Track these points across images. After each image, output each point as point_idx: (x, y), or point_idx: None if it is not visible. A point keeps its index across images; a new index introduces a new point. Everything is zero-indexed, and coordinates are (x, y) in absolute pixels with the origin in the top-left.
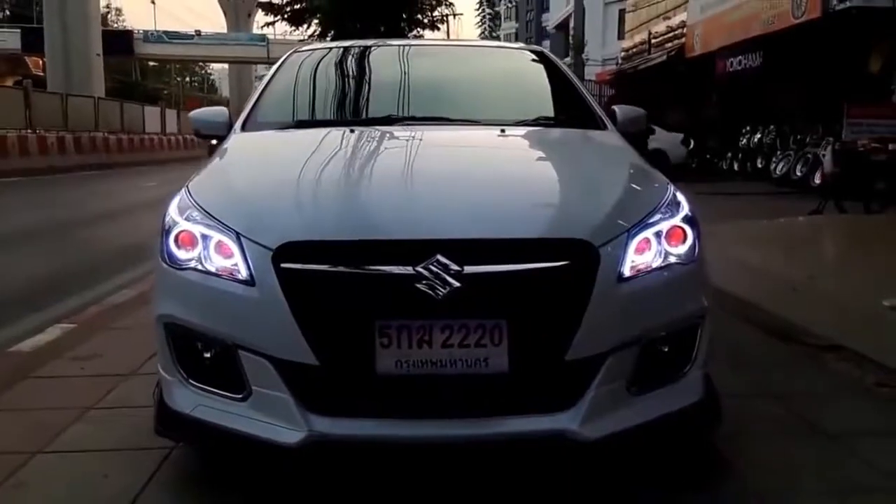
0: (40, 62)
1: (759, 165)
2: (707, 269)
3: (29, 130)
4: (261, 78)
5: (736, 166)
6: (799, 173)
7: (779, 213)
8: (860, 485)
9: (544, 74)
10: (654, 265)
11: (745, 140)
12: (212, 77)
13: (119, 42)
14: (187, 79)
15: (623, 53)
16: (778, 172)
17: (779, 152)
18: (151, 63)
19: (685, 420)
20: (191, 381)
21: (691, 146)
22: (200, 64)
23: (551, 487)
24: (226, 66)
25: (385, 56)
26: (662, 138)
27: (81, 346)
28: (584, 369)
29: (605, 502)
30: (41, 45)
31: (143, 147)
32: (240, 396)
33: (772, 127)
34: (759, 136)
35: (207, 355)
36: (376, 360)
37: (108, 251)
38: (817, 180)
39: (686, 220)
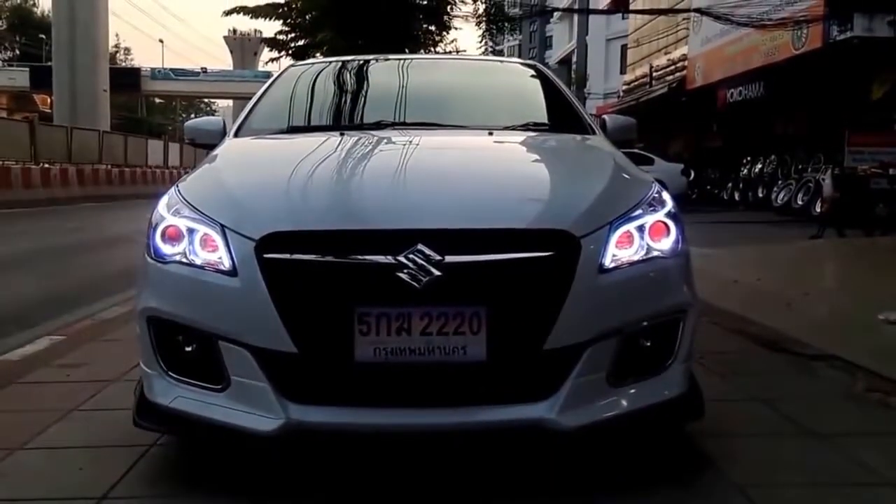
0: (48, 100)
1: (760, 195)
2: (692, 265)
3: (33, 163)
4: None
5: (737, 196)
6: (800, 202)
7: (779, 239)
8: (840, 477)
9: (536, 84)
10: (636, 258)
11: (745, 170)
12: (217, 113)
13: (126, 79)
14: (192, 115)
15: (625, 87)
16: (779, 202)
17: (780, 181)
18: (158, 100)
19: (666, 413)
20: (170, 373)
21: (692, 177)
22: (205, 100)
23: (534, 476)
24: (230, 102)
25: (380, 68)
26: (662, 169)
27: (69, 355)
28: (563, 359)
29: (586, 492)
30: (49, 84)
31: (145, 179)
32: (219, 387)
33: (773, 156)
34: (759, 165)
35: (188, 348)
36: (355, 348)
37: (105, 274)
38: (818, 209)
39: (669, 215)
